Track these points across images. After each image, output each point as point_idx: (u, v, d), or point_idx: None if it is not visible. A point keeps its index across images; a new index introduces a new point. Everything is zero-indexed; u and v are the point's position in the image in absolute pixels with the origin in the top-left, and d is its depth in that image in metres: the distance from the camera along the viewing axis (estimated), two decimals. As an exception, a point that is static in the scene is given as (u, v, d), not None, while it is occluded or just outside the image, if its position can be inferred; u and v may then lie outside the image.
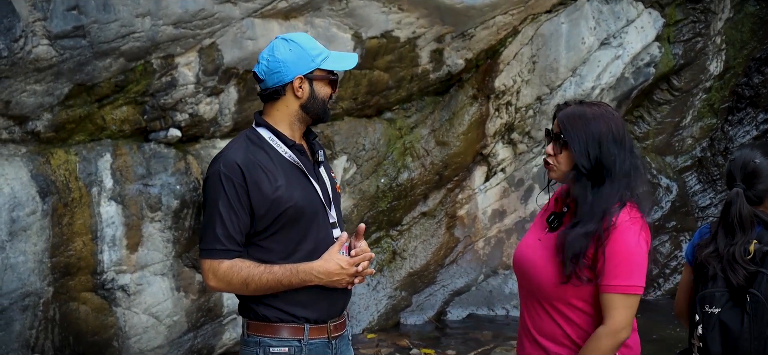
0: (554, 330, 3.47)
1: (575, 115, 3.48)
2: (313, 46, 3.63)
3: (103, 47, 5.70)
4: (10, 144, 5.81)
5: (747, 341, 3.51)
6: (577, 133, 3.44)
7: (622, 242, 3.38)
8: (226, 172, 3.49)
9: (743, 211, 3.62)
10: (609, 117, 3.48)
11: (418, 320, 8.14)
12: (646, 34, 8.34)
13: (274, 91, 3.62)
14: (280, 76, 3.59)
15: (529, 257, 3.52)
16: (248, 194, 3.49)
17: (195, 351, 6.59)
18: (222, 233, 3.52)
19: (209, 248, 3.60)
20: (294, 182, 3.55)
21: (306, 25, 6.67)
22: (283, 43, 3.63)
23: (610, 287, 3.37)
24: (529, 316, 3.53)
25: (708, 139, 9.12)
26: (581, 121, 3.45)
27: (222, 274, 3.55)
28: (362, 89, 7.26)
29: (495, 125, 8.01)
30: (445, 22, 7.33)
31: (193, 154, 6.46)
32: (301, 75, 3.57)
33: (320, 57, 3.61)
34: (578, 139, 3.43)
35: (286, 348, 3.56)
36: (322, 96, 3.62)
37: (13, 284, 5.69)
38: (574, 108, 3.51)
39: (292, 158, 3.58)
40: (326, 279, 3.55)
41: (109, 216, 6.04)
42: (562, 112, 3.51)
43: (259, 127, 3.63)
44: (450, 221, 8.15)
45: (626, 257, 3.38)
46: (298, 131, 3.65)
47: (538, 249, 3.51)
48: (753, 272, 3.54)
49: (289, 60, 3.58)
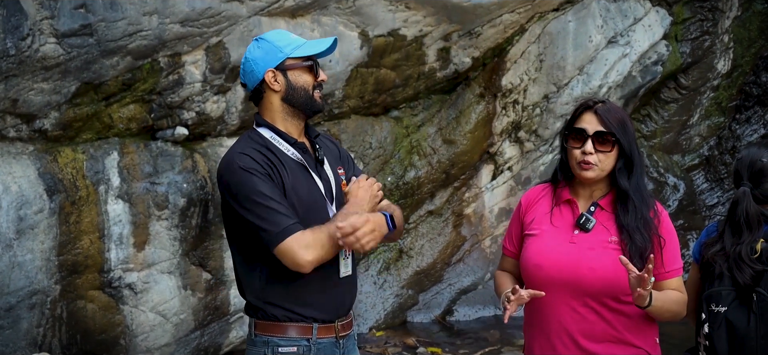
0: (605, 329, 3.49)
1: (612, 109, 3.57)
2: (282, 38, 3.62)
3: (110, 46, 5.71)
4: (18, 142, 5.83)
5: (753, 339, 3.50)
6: (620, 126, 3.53)
7: (670, 229, 3.59)
8: (244, 166, 3.47)
9: (750, 210, 3.61)
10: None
11: (425, 318, 8.13)
12: (654, 32, 8.32)
13: (255, 92, 3.62)
14: (253, 75, 3.60)
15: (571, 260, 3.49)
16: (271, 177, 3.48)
17: (202, 349, 6.60)
18: (282, 210, 3.44)
19: (283, 228, 3.42)
20: (299, 178, 3.54)
21: (313, 23, 6.68)
22: (255, 42, 3.65)
23: (676, 272, 3.58)
24: (572, 319, 3.50)
25: (715, 137, 9.09)
26: (618, 115, 3.55)
27: (312, 240, 3.44)
28: (369, 88, 7.26)
29: (502, 124, 8.01)
30: (452, 21, 7.32)
31: (200, 152, 6.46)
32: (271, 68, 3.57)
33: (290, 47, 3.59)
34: (627, 135, 3.53)
35: (295, 348, 3.54)
36: (301, 84, 3.59)
37: (20, 282, 5.71)
38: (608, 104, 3.59)
39: (296, 156, 3.57)
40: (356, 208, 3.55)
41: (117, 214, 6.05)
42: (601, 109, 3.55)
43: (259, 128, 3.62)
44: (457, 219, 8.15)
45: (673, 241, 3.59)
46: (294, 128, 3.63)
47: (580, 251, 3.51)
48: (760, 271, 3.53)
49: (258, 57, 3.59)
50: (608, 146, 3.51)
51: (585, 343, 3.50)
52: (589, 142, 3.52)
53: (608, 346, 3.50)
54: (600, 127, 3.51)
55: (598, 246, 3.49)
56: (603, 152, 3.51)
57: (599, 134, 3.51)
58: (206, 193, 6.37)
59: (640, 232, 3.47)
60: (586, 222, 3.55)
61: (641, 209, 3.50)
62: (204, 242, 6.46)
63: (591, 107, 3.57)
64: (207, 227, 6.43)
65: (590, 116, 3.54)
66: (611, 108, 3.56)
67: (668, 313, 3.53)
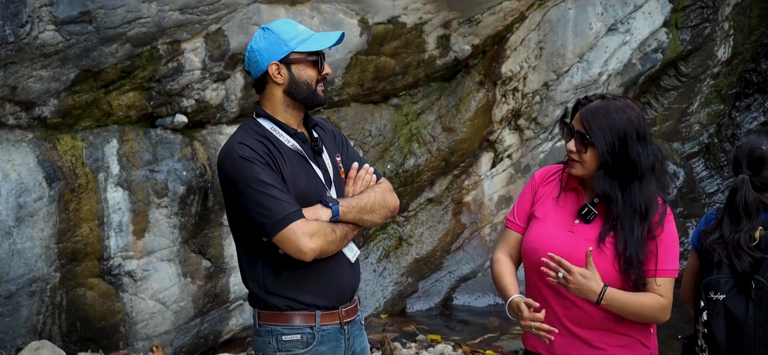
0: (595, 317, 3.48)
1: (599, 111, 3.46)
2: (288, 30, 3.60)
3: (109, 33, 5.71)
4: (17, 130, 5.83)
5: (752, 327, 3.50)
6: (602, 130, 3.43)
7: (671, 232, 3.52)
8: (245, 155, 3.47)
9: (749, 197, 3.61)
10: (630, 111, 3.48)
11: (425, 306, 8.15)
12: (654, 19, 8.31)
13: (258, 81, 3.62)
14: (257, 65, 3.59)
15: (566, 249, 3.48)
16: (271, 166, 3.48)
17: (201, 337, 6.61)
18: (284, 198, 3.43)
19: (285, 215, 3.40)
20: (297, 169, 3.55)
21: (312, 10, 6.67)
22: (261, 32, 3.64)
23: (665, 272, 3.49)
24: (562, 308, 3.51)
25: (715, 125, 9.09)
26: (605, 118, 3.44)
27: (318, 228, 3.44)
28: (369, 75, 7.25)
29: (502, 111, 8.00)
30: (451, 8, 7.31)
31: (200, 140, 6.46)
32: (275, 61, 3.56)
33: (295, 40, 3.57)
34: (603, 136, 3.42)
35: (299, 336, 3.54)
36: (304, 79, 3.58)
37: (20, 269, 5.71)
38: (598, 103, 3.49)
39: (295, 146, 3.57)
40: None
41: (116, 202, 6.06)
42: (586, 109, 3.48)
43: (259, 118, 3.62)
44: (456, 207, 8.15)
45: (673, 244, 3.52)
46: (294, 119, 3.63)
47: (576, 242, 3.50)
48: (758, 259, 3.52)
49: (263, 48, 3.58)
50: (583, 147, 3.49)
51: (576, 329, 3.51)
52: (573, 140, 3.51)
53: (599, 334, 3.50)
54: (580, 127, 3.49)
55: (595, 240, 3.49)
56: (583, 153, 3.49)
57: (578, 134, 3.50)
58: (206, 180, 6.37)
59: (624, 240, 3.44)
60: (587, 214, 3.54)
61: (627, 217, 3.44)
62: (203, 230, 6.46)
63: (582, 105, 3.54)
64: (206, 214, 6.44)
65: (578, 115, 3.53)
66: (599, 110, 3.46)
67: (634, 317, 3.48)
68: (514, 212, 3.73)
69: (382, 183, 3.72)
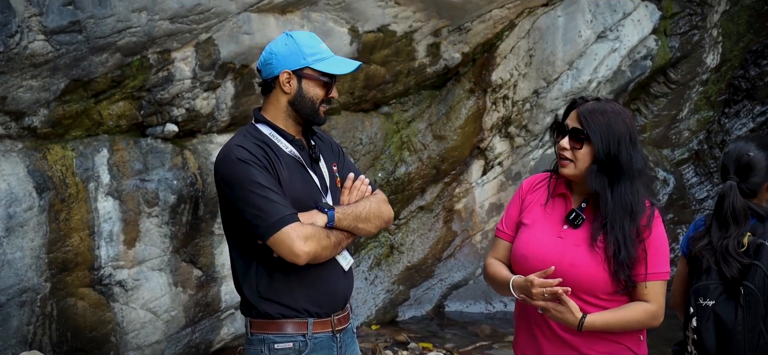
0: None
1: (596, 110, 3.52)
2: (310, 44, 3.62)
3: (99, 42, 5.71)
4: (7, 140, 5.82)
5: (741, 333, 3.51)
6: (599, 127, 3.48)
7: (659, 235, 3.54)
8: (242, 157, 3.47)
9: (736, 204, 3.62)
10: (625, 116, 3.57)
11: (416, 314, 8.15)
12: (643, 27, 8.34)
13: (267, 84, 3.63)
14: (270, 68, 3.61)
15: (556, 255, 3.51)
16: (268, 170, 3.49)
17: (193, 346, 6.60)
18: (280, 201, 3.43)
19: (280, 217, 3.40)
20: (295, 174, 3.56)
21: (302, 19, 6.67)
22: (284, 37, 3.65)
23: (655, 276, 3.51)
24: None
25: (705, 131, 9.12)
26: (602, 117, 3.50)
27: (312, 232, 3.44)
28: (359, 84, 7.26)
29: (492, 119, 8.02)
30: (441, 16, 7.33)
31: (190, 149, 6.46)
32: (289, 70, 3.57)
33: (313, 56, 3.59)
34: (600, 133, 3.48)
35: (291, 344, 3.54)
36: (310, 96, 3.60)
37: (10, 279, 5.70)
38: (594, 104, 3.55)
39: (293, 152, 3.59)
40: None
41: (107, 211, 6.05)
42: (583, 108, 3.53)
43: (258, 124, 3.63)
44: (447, 214, 8.16)
45: (662, 246, 3.54)
46: (292, 129, 3.64)
47: (565, 247, 3.53)
48: (747, 265, 3.54)
49: (281, 53, 3.60)
50: (579, 143, 3.51)
51: (565, 335, 3.53)
52: (566, 138, 3.54)
53: (589, 339, 3.52)
54: (576, 124, 3.53)
55: (584, 243, 3.51)
56: (577, 149, 3.52)
57: (574, 131, 3.53)
58: (196, 190, 6.37)
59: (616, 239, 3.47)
60: (575, 219, 3.56)
61: (617, 216, 3.47)
62: (194, 239, 6.45)
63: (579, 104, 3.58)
64: (197, 223, 6.43)
65: (574, 113, 3.57)
66: (597, 109, 3.53)
67: (623, 331, 3.52)
68: (503, 221, 3.76)
69: (377, 194, 3.73)
